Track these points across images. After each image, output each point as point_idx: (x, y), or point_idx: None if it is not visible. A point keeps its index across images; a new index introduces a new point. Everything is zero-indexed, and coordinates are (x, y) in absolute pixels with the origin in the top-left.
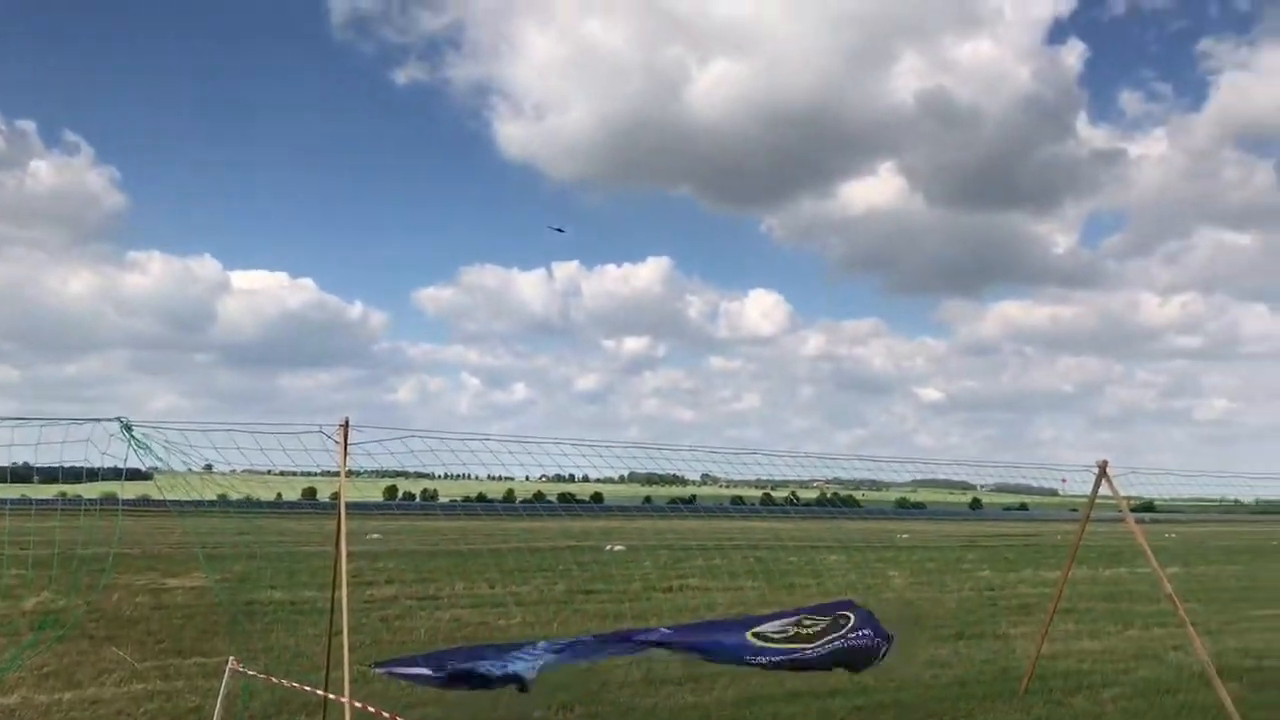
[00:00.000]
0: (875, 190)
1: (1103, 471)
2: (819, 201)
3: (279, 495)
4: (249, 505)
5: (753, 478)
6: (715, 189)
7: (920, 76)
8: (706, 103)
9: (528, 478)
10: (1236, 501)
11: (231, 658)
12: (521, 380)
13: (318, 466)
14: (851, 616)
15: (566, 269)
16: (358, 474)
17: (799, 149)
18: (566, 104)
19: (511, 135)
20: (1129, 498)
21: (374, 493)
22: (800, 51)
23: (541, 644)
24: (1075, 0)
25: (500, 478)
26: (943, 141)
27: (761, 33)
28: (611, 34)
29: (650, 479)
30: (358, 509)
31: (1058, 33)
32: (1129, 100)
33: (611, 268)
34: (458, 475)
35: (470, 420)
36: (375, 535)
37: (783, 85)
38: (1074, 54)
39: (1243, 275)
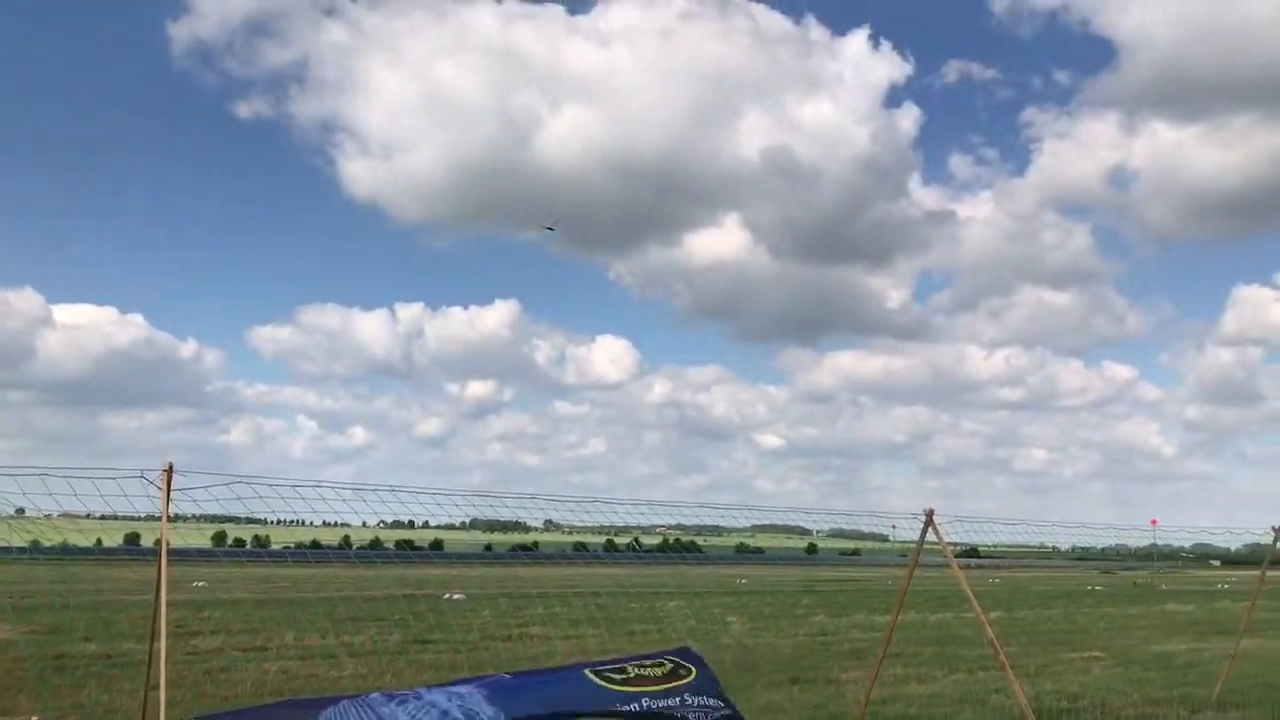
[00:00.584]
0: (721, 241)
1: (929, 519)
2: (667, 250)
3: (98, 541)
4: (64, 552)
5: (596, 524)
6: (564, 234)
7: (765, 134)
8: (557, 149)
9: (365, 524)
10: (1054, 548)
11: (36, 717)
12: (361, 423)
13: (139, 511)
14: (694, 670)
15: (410, 311)
16: (182, 520)
17: (648, 198)
18: (415, 144)
19: (357, 174)
20: (954, 544)
21: (201, 539)
22: (651, 104)
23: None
24: (910, 67)
25: (336, 524)
26: (786, 197)
27: (613, 83)
28: (463, 77)
29: (493, 525)
30: (182, 556)
31: (894, 97)
32: (959, 164)
33: (458, 310)
34: (291, 521)
35: (306, 464)
36: (201, 583)
37: (633, 136)
38: (909, 118)
39: (1060, 332)
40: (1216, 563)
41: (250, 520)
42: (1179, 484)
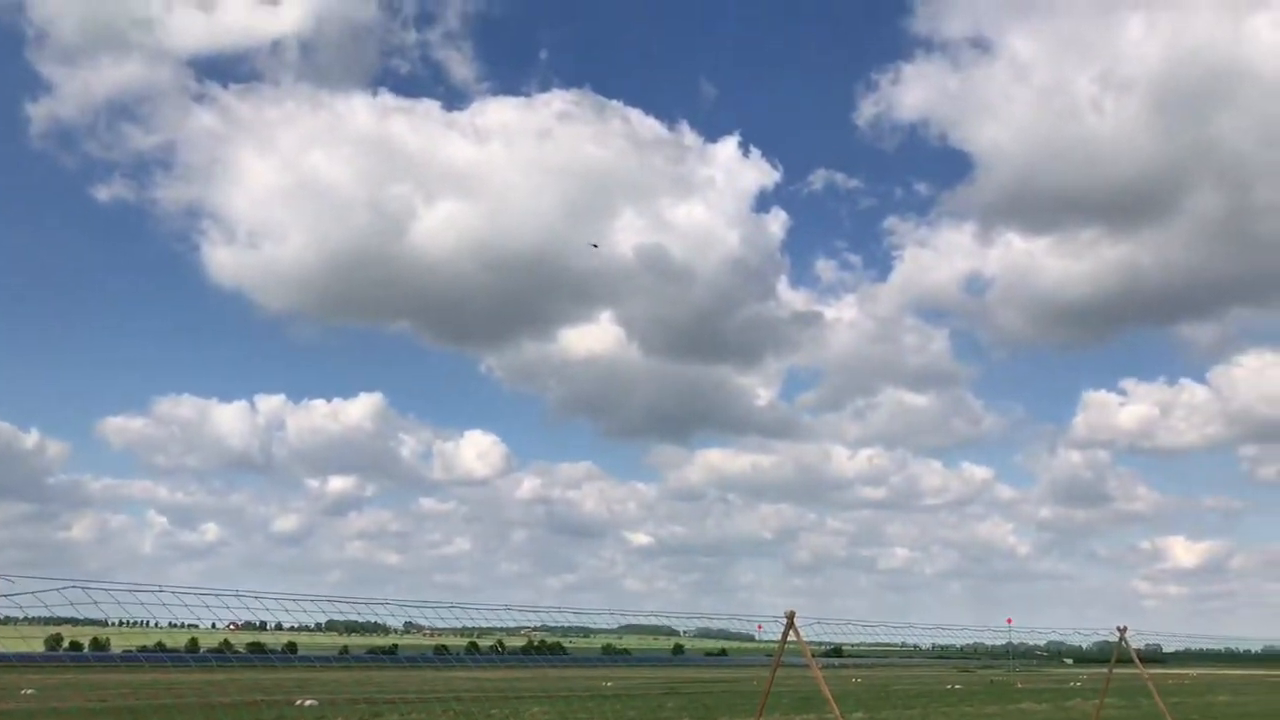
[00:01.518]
0: (594, 337)
1: (790, 621)
2: (540, 345)
3: None
4: None
5: (458, 625)
6: (436, 327)
7: (639, 233)
8: (431, 242)
9: (214, 625)
10: (915, 647)
11: None
12: (214, 519)
13: None
14: None
15: (271, 403)
16: (11, 623)
17: (522, 293)
18: (284, 233)
19: (222, 262)
20: (817, 644)
21: (32, 643)
22: (527, 200)
23: None
24: (779, 174)
25: (182, 625)
26: (659, 295)
27: (490, 179)
28: (336, 167)
29: (350, 627)
30: (9, 661)
31: (763, 202)
32: (825, 268)
33: (320, 403)
34: (134, 622)
35: (154, 561)
36: (30, 691)
37: (508, 230)
38: (777, 223)
39: (921, 433)
40: (1069, 660)
41: (90, 621)
42: (1033, 583)
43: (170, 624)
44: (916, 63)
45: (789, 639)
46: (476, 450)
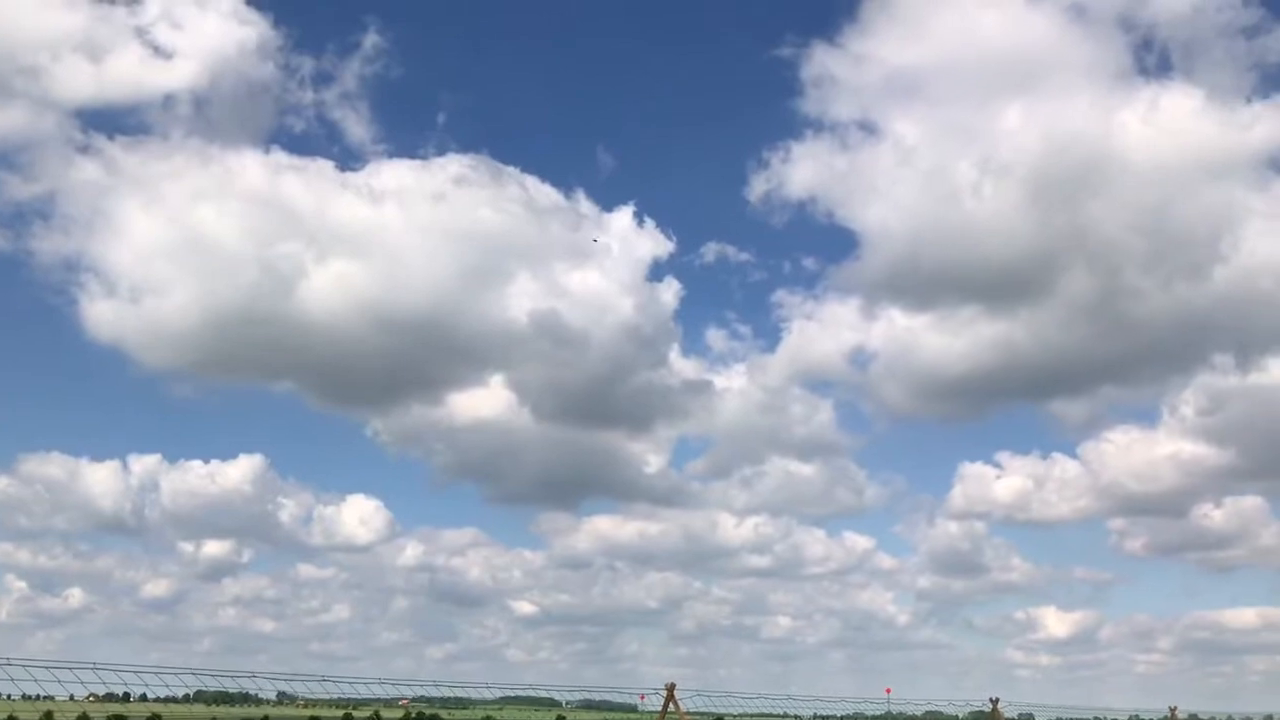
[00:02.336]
0: (484, 401)
1: (670, 692)
2: (428, 408)
3: None
4: None
5: (334, 696)
6: (321, 388)
7: (534, 298)
8: (320, 301)
9: (72, 697)
10: (796, 717)
11: None
12: (80, 584)
13: None
14: None
15: (145, 463)
16: None
17: (412, 355)
18: (167, 289)
19: (101, 316)
20: (698, 715)
21: None
22: (420, 262)
23: None
24: (673, 245)
25: (38, 697)
26: (552, 360)
27: (383, 239)
28: (225, 223)
29: (219, 698)
30: None
31: (657, 271)
32: (715, 338)
33: (198, 464)
34: None
35: (9, 630)
36: None
37: (401, 293)
38: (671, 292)
39: (805, 502)
40: None
41: None
42: (912, 652)
43: (25, 695)
44: (806, 142)
45: (669, 710)
46: (359, 515)
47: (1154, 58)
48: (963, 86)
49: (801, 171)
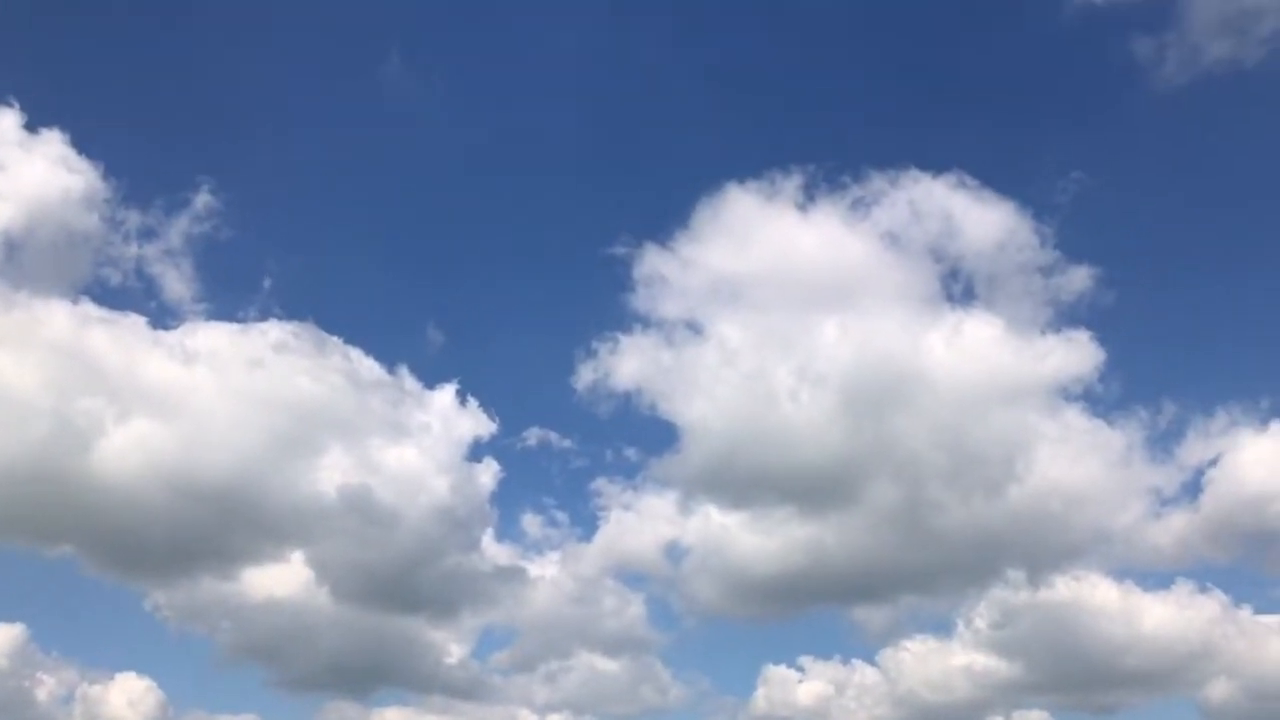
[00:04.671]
0: (281, 578)
1: None
2: (219, 583)
3: None
4: None
5: None
6: (104, 554)
7: (346, 473)
8: (116, 462)
9: None
10: None
11: None
12: None
13: None
14: None
15: None
16: None
17: (210, 526)
18: None
19: None
20: None
21: None
22: (229, 429)
23: None
24: (495, 426)
25: None
26: (358, 539)
27: (191, 402)
28: (23, 373)
29: None
30: None
31: (477, 452)
32: (531, 523)
33: None
34: None
35: None
36: None
37: (204, 458)
38: (489, 474)
39: (610, 699)
40: None
41: None
42: None
43: None
44: (635, 336)
45: None
46: (127, 696)
47: (960, 287)
48: (784, 297)
49: (629, 364)
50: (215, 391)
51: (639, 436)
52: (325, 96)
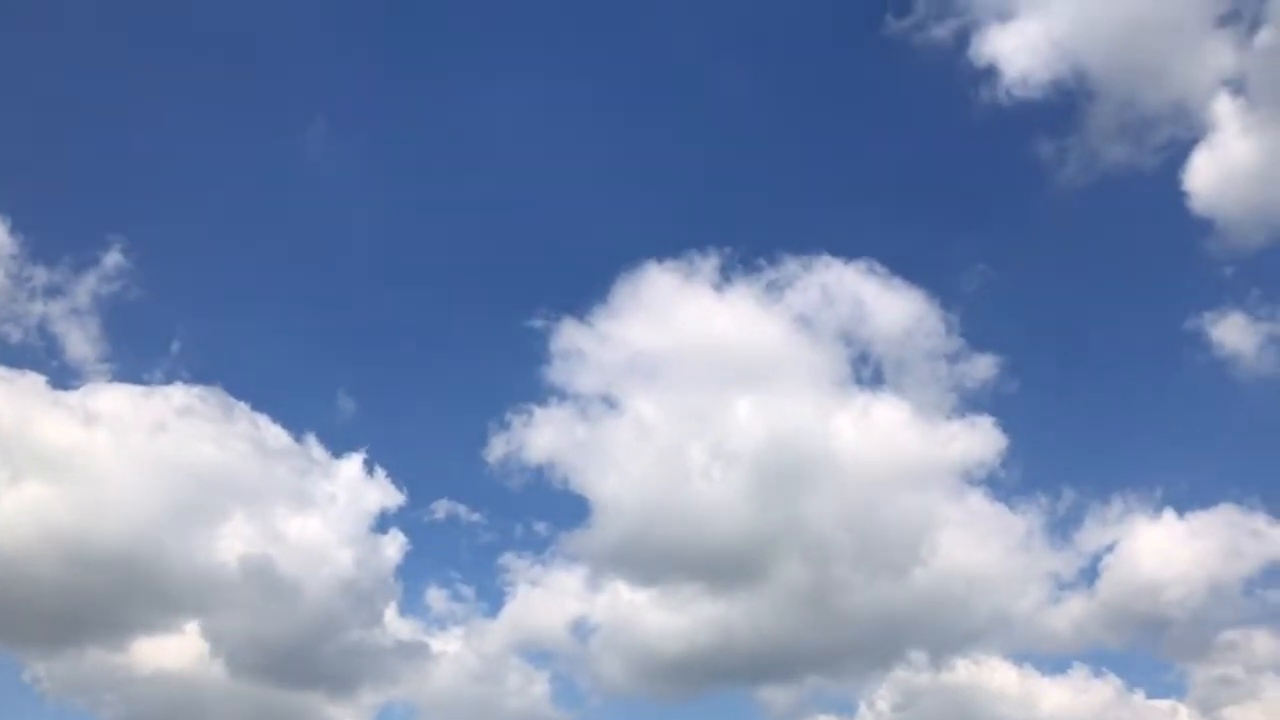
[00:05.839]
0: (173, 650)
1: None
2: (107, 654)
3: None
4: None
5: None
6: None
7: (247, 542)
8: (5, 526)
9: None
10: None
11: None
12: None
13: None
14: None
15: None
16: None
17: (101, 593)
18: None
19: None
20: None
21: None
22: (127, 493)
23: None
24: (403, 498)
25: None
26: (257, 610)
27: (89, 466)
28: None
29: None
30: None
31: (383, 523)
32: (436, 598)
33: None
34: None
35: None
36: None
37: (99, 524)
38: (395, 545)
39: None
40: None
41: None
42: None
43: None
44: (549, 409)
45: None
46: None
47: (869, 370)
48: (700, 375)
49: (543, 437)
50: (115, 455)
51: (550, 511)
52: (245, 159)
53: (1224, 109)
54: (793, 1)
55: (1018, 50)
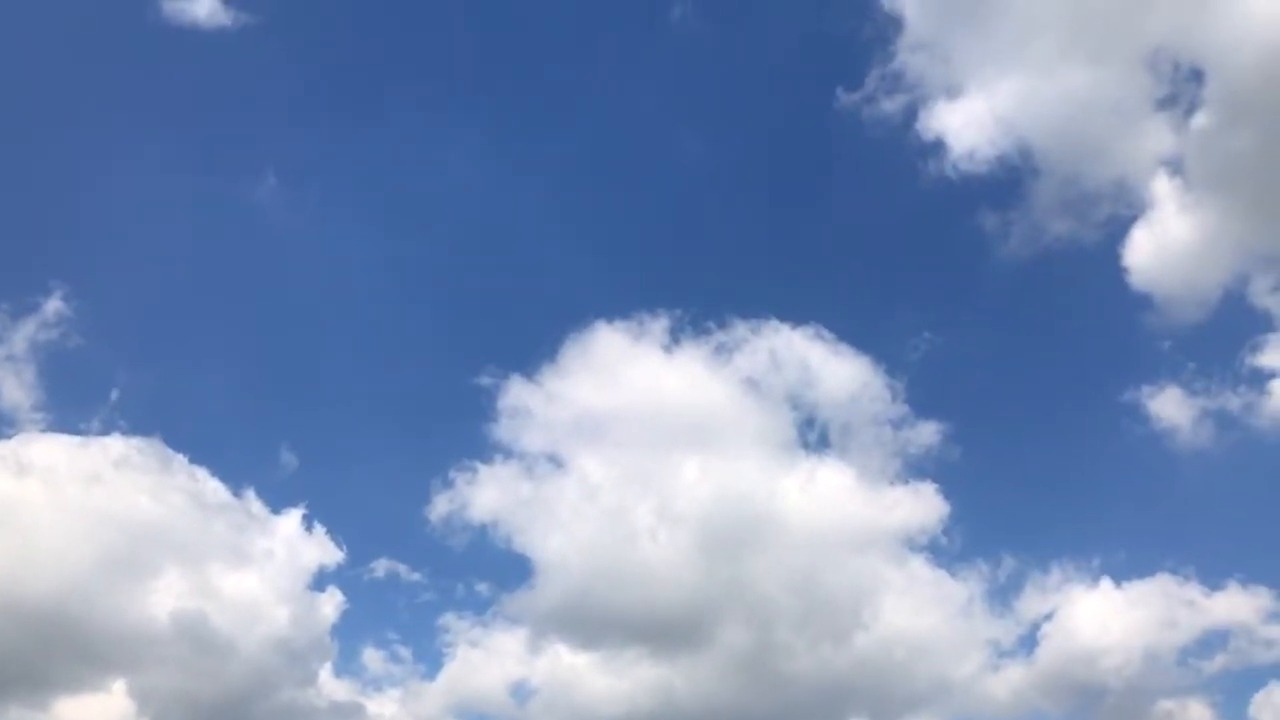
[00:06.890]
0: (98, 709)
1: None
2: (27, 713)
3: None
4: None
5: None
6: None
7: (180, 598)
8: None
9: None
10: None
11: None
12: None
13: None
14: None
15: None
16: None
17: (24, 649)
18: None
19: None
20: None
21: None
22: (56, 545)
23: None
24: (343, 555)
25: None
26: (188, 668)
27: (18, 517)
28: None
29: None
30: None
31: (321, 581)
32: (373, 658)
33: None
34: None
35: None
36: None
37: (26, 576)
38: (332, 604)
39: None
40: None
41: None
42: None
43: None
44: (495, 466)
45: None
46: None
47: (815, 435)
48: (647, 436)
49: (486, 495)
50: (47, 506)
51: (492, 571)
52: (193, 209)
53: (1162, 188)
54: (747, 71)
55: (964, 126)
